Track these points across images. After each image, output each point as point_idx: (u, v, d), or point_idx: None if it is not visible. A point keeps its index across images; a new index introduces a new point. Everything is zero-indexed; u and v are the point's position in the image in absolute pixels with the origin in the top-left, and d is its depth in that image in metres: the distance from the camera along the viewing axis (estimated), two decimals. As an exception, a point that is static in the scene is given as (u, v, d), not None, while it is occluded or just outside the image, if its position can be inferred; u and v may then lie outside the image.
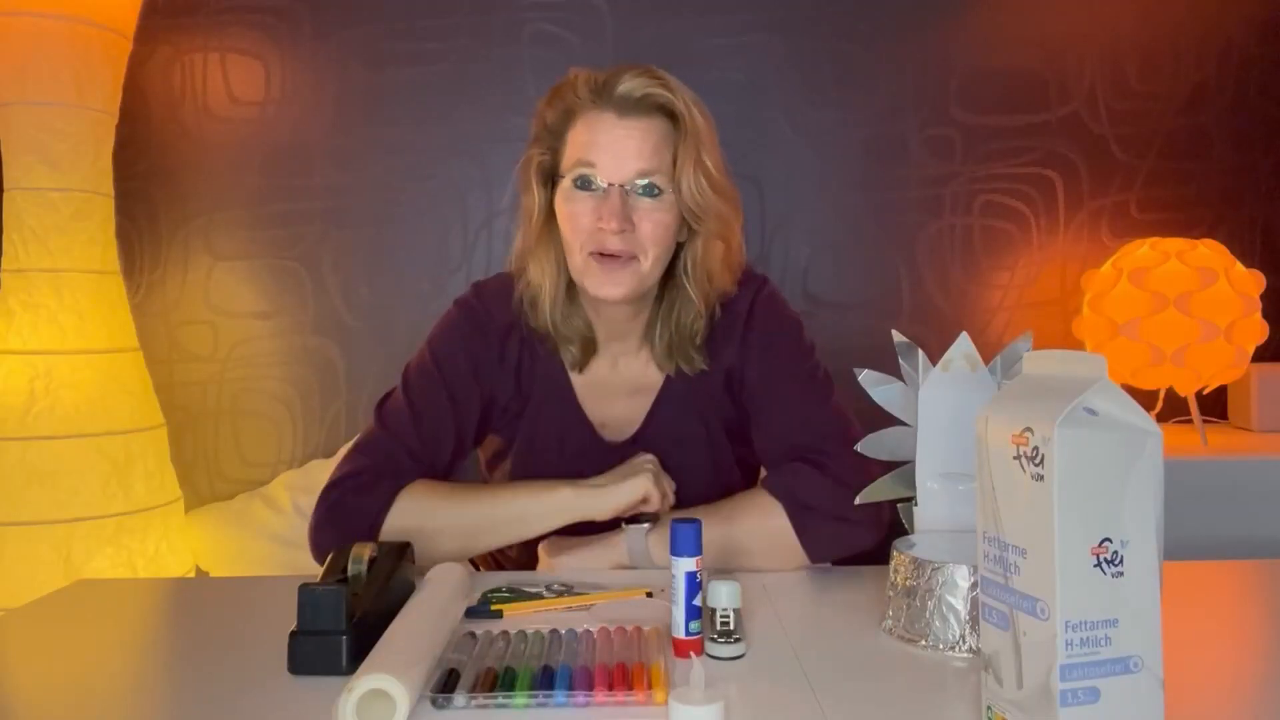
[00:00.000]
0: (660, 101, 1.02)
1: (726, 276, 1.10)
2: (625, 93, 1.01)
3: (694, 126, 1.03)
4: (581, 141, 1.03)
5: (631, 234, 1.01)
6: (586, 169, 1.02)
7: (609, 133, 1.01)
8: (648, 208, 1.02)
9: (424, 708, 0.66)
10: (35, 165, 1.79)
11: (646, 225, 1.02)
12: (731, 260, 1.11)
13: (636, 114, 1.02)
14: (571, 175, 1.03)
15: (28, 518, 1.73)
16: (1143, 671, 0.55)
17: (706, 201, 1.04)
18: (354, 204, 2.22)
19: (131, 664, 0.82)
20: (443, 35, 2.21)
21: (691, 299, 1.09)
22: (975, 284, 2.25)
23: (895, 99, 2.23)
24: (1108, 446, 0.54)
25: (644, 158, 1.02)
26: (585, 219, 1.02)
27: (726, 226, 1.08)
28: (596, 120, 1.02)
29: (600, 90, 1.02)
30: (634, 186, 1.02)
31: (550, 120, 1.06)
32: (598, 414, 1.14)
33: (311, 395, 2.23)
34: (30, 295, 1.80)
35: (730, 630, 0.77)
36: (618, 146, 1.01)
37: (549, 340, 1.11)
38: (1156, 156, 2.25)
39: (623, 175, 1.01)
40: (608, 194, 1.01)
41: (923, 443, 0.88)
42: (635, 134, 1.01)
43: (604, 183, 1.01)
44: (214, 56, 2.21)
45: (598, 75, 1.04)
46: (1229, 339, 1.86)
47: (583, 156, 1.02)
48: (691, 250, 1.08)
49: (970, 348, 0.88)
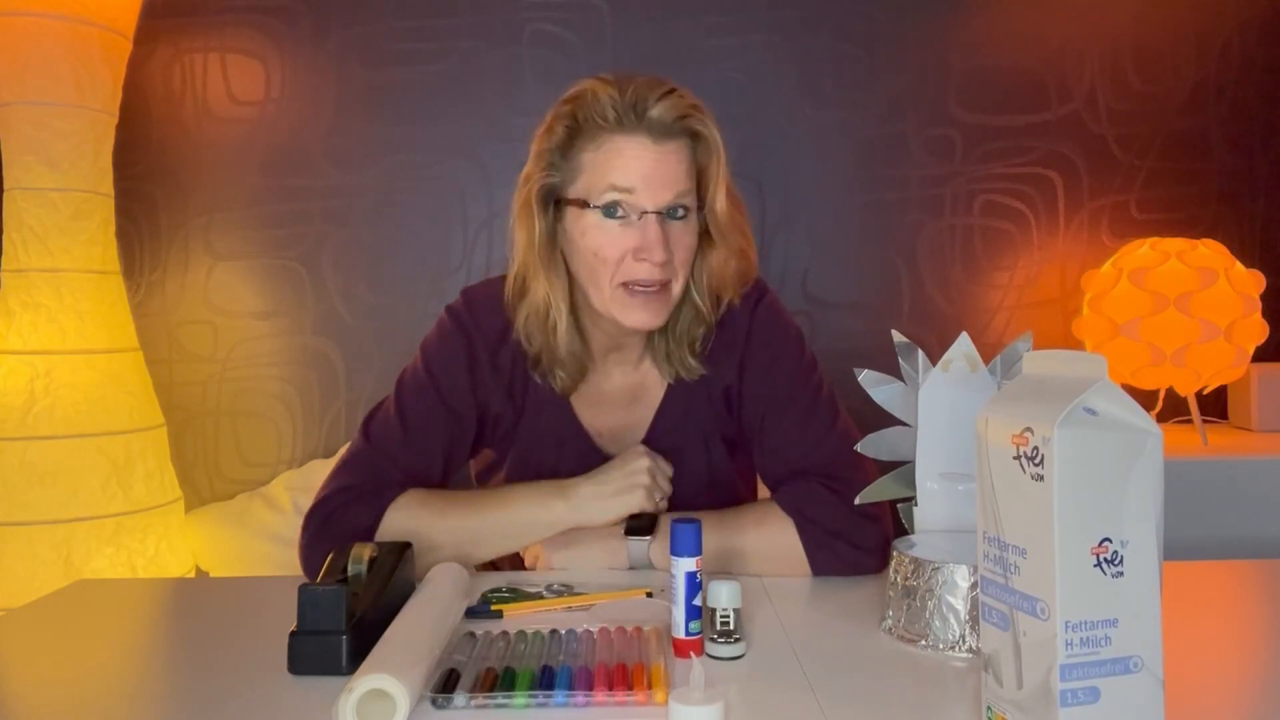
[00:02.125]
0: (696, 126, 1.00)
1: (736, 287, 1.09)
2: (659, 117, 0.97)
3: (716, 144, 1.01)
4: (612, 167, 0.97)
5: (670, 262, 0.99)
6: (621, 195, 0.97)
7: (643, 159, 0.96)
8: (679, 231, 0.99)
9: (424, 708, 0.66)
10: (35, 165, 1.79)
11: (680, 250, 0.99)
12: (746, 272, 1.10)
13: (669, 138, 0.98)
14: (600, 202, 0.98)
15: (28, 518, 1.73)
16: (1143, 671, 0.55)
17: (730, 219, 1.03)
18: (354, 204, 2.22)
19: (131, 664, 0.82)
20: (443, 35, 2.21)
21: (698, 308, 1.07)
22: (975, 284, 2.25)
23: (895, 99, 2.23)
24: (1108, 446, 0.54)
25: (679, 182, 0.98)
26: (616, 250, 0.98)
27: (746, 240, 1.07)
28: (627, 144, 0.97)
29: (629, 112, 0.97)
30: (668, 212, 0.98)
31: (560, 137, 1.00)
32: (594, 423, 1.12)
33: (311, 395, 2.23)
34: (30, 295, 1.80)
35: (730, 630, 0.76)
36: (655, 173, 0.97)
37: (539, 364, 1.08)
38: (1156, 156, 2.25)
39: (660, 202, 0.97)
40: (644, 224, 0.97)
41: (923, 443, 0.88)
42: (670, 159, 0.98)
43: (640, 210, 0.97)
44: (214, 56, 2.21)
45: (620, 94, 0.98)
46: (1229, 339, 1.86)
47: (616, 183, 0.97)
48: (708, 264, 1.05)
49: (970, 348, 0.88)
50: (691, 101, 1.00)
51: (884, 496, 0.92)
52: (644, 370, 1.12)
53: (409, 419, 1.06)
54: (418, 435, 1.05)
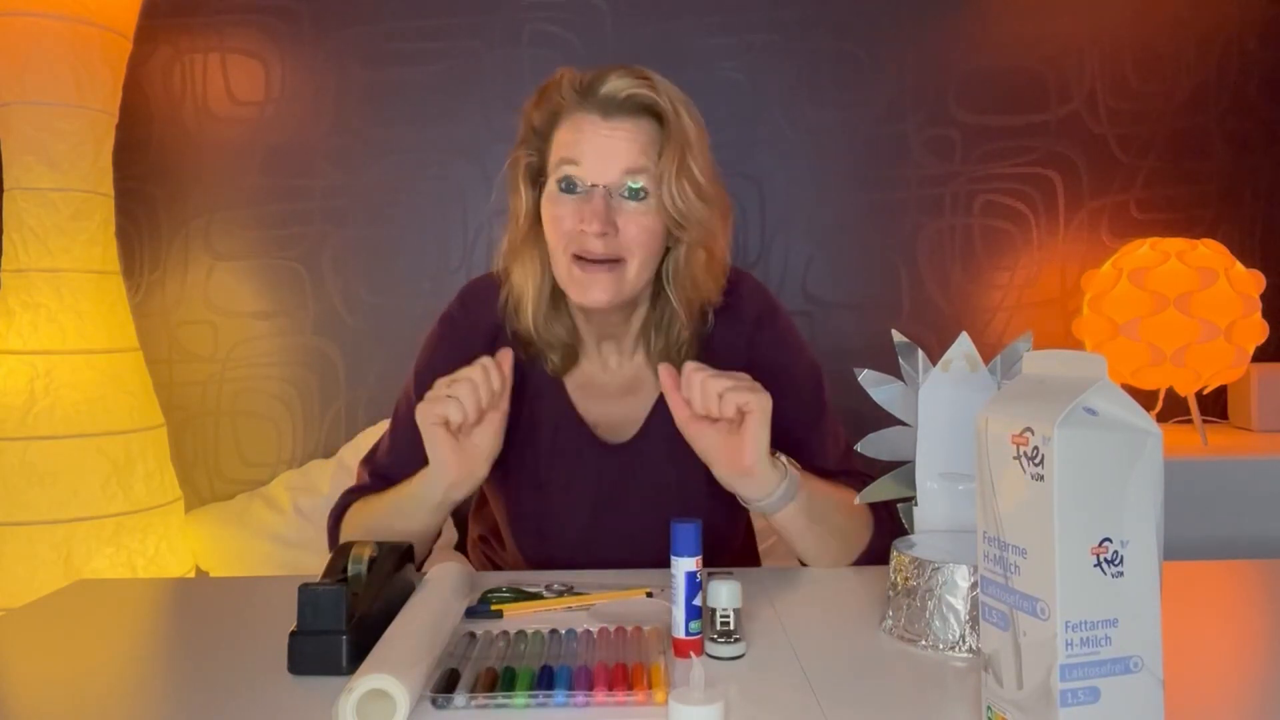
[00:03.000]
0: (646, 102, 1.00)
1: (710, 285, 1.08)
2: (610, 93, 0.99)
3: (679, 129, 1.00)
4: (566, 141, 1.01)
5: (614, 237, 0.99)
6: (571, 169, 1.00)
7: (593, 133, 0.99)
8: (633, 210, 1.00)
9: (424, 708, 0.66)
10: (35, 165, 1.79)
11: (632, 228, 0.99)
12: (715, 269, 1.07)
13: (622, 114, 0.99)
14: (555, 176, 1.01)
15: (28, 518, 1.73)
16: (1143, 671, 0.55)
17: (690, 208, 1.01)
18: (354, 204, 2.22)
19: (131, 664, 0.82)
20: (443, 35, 2.21)
21: (675, 304, 1.07)
22: (975, 284, 2.25)
23: (895, 99, 2.23)
24: (1108, 446, 0.54)
25: (629, 158, 0.99)
26: (567, 221, 1.00)
27: (710, 235, 1.04)
28: (581, 120, 1.00)
29: (585, 90, 1.00)
30: (620, 189, 0.99)
31: (537, 121, 1.05)
32: (591, 414, 1.12)
33: (311, 395, 2.23)
34: (30, 295, 1.80)
35: (730, 630, 0.76)
36: (602, 147, 0.99)
37: (531, 346, 1.09)
38: (1156, 156, 2.25)
39: (607, 177, 0.99)
40: (590, 195, 0.99)
41: (923, 443, 0.88)
42: (620, 134, 0.99)
43: (588, 184, 0.99)
44: (214, 56, 2.21)
45: (583, 75, 1.01)
46: (1229, 339, 1.86)
47: (566, 156, 1.00)
48: (674, 257, 1.05)
49: (970, 348, 0.88)
50: (652, 83, 1.00)
51: (884, 496, 0.92)
52: (639, 363, 1.13)
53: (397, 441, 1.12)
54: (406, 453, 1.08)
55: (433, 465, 0.98)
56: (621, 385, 1.13)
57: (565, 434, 1.11)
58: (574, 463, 1.10)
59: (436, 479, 0.98)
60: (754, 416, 0.92)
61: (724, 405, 0.92)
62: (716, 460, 0.96)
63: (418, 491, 1.01)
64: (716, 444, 0.96)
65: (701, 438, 0.96)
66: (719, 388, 0.92)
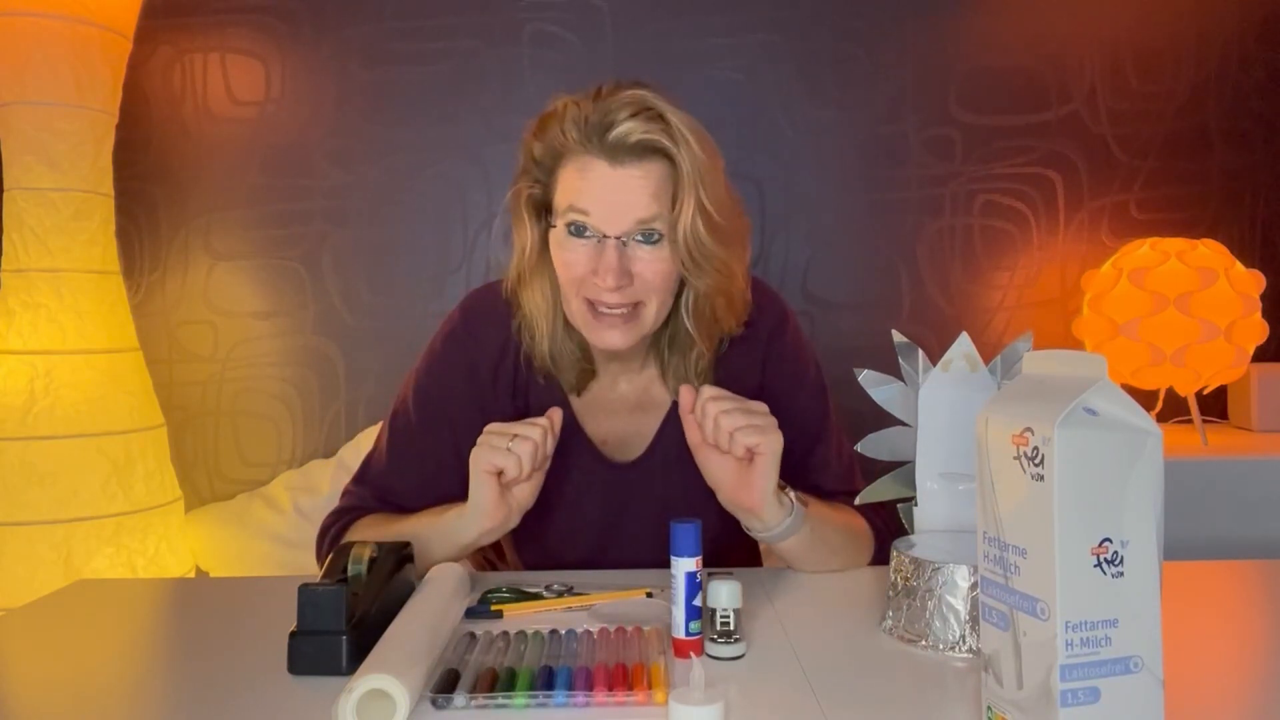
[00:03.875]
0: (655, 146, 0.94)
1: (730, 321, 1.05)
2: (618, 139, 0.92)
3: (692, 169, 0.94)
4: (573, 188, 0.95)
5: (630, 286, 0.95)
6: (579, 217, 0.95)
7: (601, 182, 0.94)
8: (648, 255, 0.95)
9: (424, 708, 0.66)
10: (35, 165, 1.79)
11: (648, 274, 0.96)
12: (735, 307, 1.05)
13: (631, 159, 0.93)
14: (564, 220, 0.96)
15: (28, 518, 1.73)
16: (1143, 671, 0.55)
17: (706, 253, 0.96)
18: (354, 204, 2.22)
19: (131, 664, 0.82)
20: (443, 35, 2.21)
21: (691, 335, 1.04)
22: (975, 284, 2.25)
23: (895, 99, 2.23)
24: (1108, 446, 0.54)
25: (641, 207, 0.94)
26: (579, 268, 0.96)
27: (727, 278, 1.00)
28: (587, 166, 0.94)
29: (590, 132, 0.94)
30: (633, 235, 0.95)
31: (538, 154, 0.99)
32: (598, 432, 1.10)
33: (311, 395, 2.23)
34: (30, 295, 1.80)
35: (730, 630, 0.76)
36: (612, 198, 0.94)
37: (543, 367, 1.07)
38: (1156, 156, 2.25)
39: (619, 227, 0.94)
40: (603, 246, 0.94)
41: (923, 443, 0.88)
42: (631, 183, 0.94)
43: (600, 234, 0.95)
44: (214, 56, 2.21)
45: (586, 112, 0.94)
46: (1229, 339, 1.86)
47: (575, 203, 0.95)
48: (693, 292, 1.01)
49: (970, 348, 0.88)
50: (664, 124, 0.94)
51: (884, 497, 0.92)
52: (649, 378, 1.10)
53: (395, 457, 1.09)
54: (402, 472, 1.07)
55: (473, 510, 0.94)
56: (630, 403, 1.11)
57: (573, 452, 1.09)
58: (581, 481, 1.09)
59: (473, 522, 0.94)
60: (764, 458, 0.91)
61: (734, 445, 0.91)
62: (723, 490, 0.95)
63: (450, 529, 0.96)
64: (725, 474, 0.94)
65: (711, 465, 0.95)
66: (731, 426, 0.90)
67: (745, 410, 0.91)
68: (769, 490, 0.93)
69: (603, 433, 1.11)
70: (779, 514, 0.94)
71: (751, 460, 0.92)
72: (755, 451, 0.91)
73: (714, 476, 0.95)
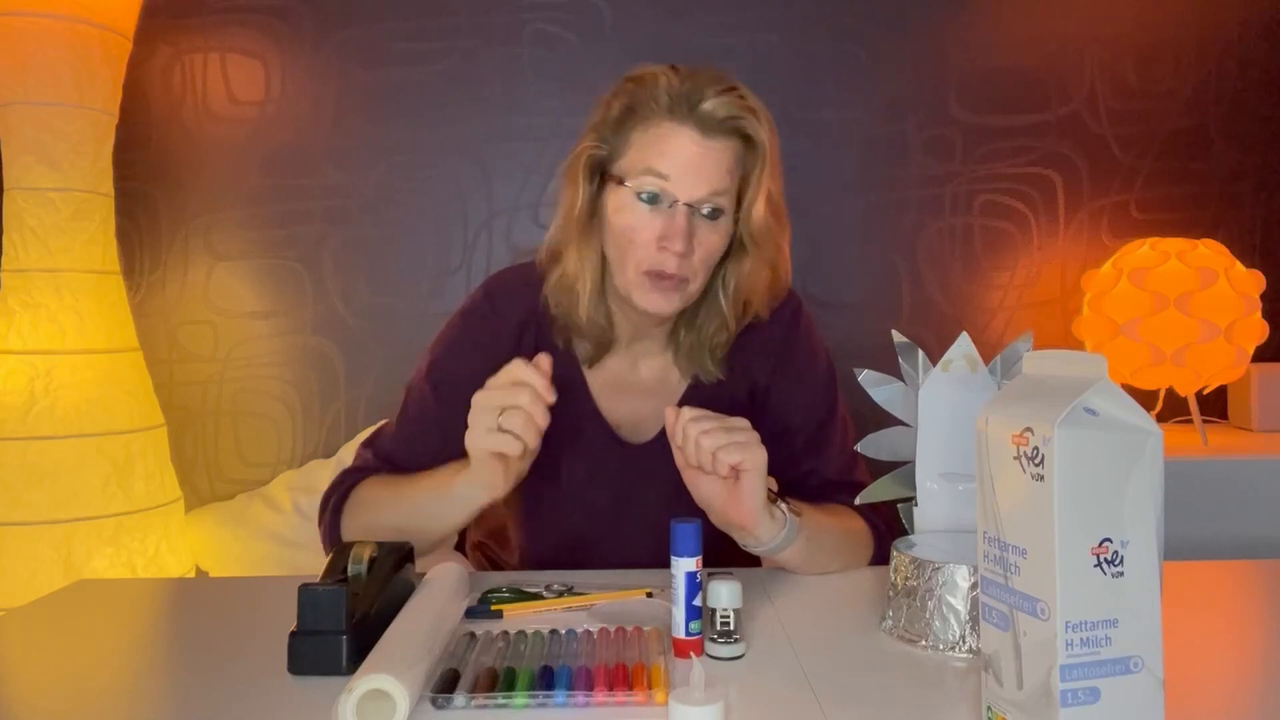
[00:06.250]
0: (741, 128, 0.99)
1: (765, 301, 1.08)
2: (709, 112, 0.97)
3: (770, 151, 1.00)
4: (654, 151, 0.97)
5: (688, 257, 0.98)
6: (657, 181, 0.97)
7: (685, 150, 0.97)
8: (706, 230, 0.99)
9: (424, 708, 0.66)
10: (35, 165, 1.79)
11: (702, 250, 0.99)
12: (777, 287, 1.08)
13: (718, 134, 0.98)
14: (636, 185, 0.98)
15: (28, 518, 1.73)
16: (1143, 671, 0.55)
17: (765, 228, 1.01)
18: (354, 204, 2.22)
19: (131, 664, 0.82)
20: (443, 35, 2.21)
21: (722, 314, 1.06)
22: (975, 284, 2.25)
23: (895, 99, 2.23)
24: (1108, 446, 0.54)
25: (717, 179, 0.97)
26: (644, 234, 0.98)
27: (779, 253, 1.05)
28: (673, 133, 0.97)
29: (682, 101, 0.97)
30: (701, 207, 0.98)
31: (615, 114, 1.01)
32: (614, 413, 1.11)
33: (311, 395, 2.23)
34: (30, 295, 1.80)
35: (730, 630, 0.76)
36: (695, 166, 0.97)
37: (565, 331, 1.08)
38: (1156, 156, 2.25)
39: (694, 195, 0.97)
40: (673, 214, 0.97)
41: (923, 443, 0.88)
42: (712, 155, 0.97)
43: (672, 200, 0.97)
44: (214, 56, 2.21)
45: (679, 82, 0.98)
46: (1229, 339, 1.86)
47: (654, 167, 0.97)
48: (736, 270, 1.05)
49: (970, 348, 0.88)
50: (749, 104, 1.00)
51: (884, 497, 0.92)
52: (666, 363, 1.12)
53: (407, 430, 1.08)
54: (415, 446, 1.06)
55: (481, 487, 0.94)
56: (646, 384, 1.12)
57: (586, 434, 1.10)
58: (594, 462, 1.09)
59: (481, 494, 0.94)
60: (749, 475, 0.90)
61: (717, 465, 0.89)
62: (714, 510, 0.94)
63: (460, 493, 0.95)
64: (714, 494, 0.93)
65: (699, 487, 0.94)
66: (712, 445, 0.89)
67: (726, 429, 0.90)
68: (758, 506, 0.92)
69: (619, 414, 1.11)
70: (773, 528, 0.94)
71: (737, 479, 0.91)
72: (739, 469, 0.90)
73: (703, 497, 0.94)
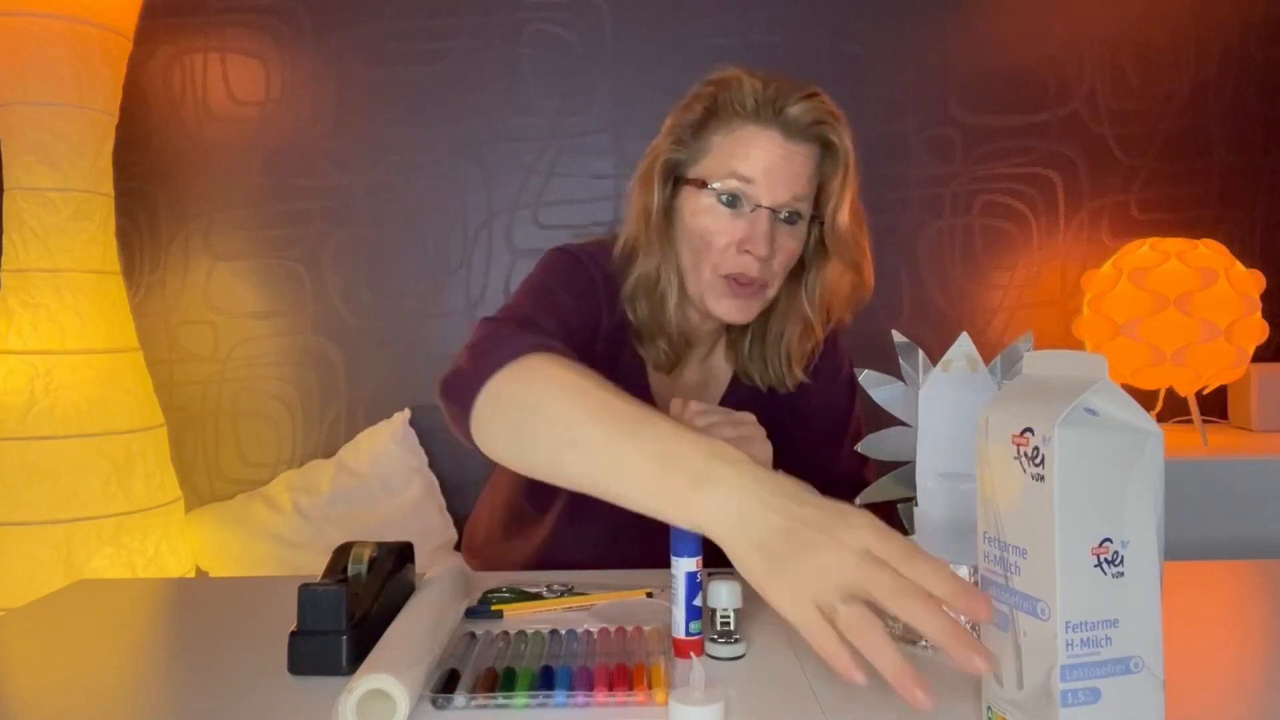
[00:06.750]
0: (822, 133, 1.00)
1: (848, 305, 1.09)
2: (794, 117, 0.98)
3: (848, 156, 1.00)
4: (738, 154, 0.98)
5: (768, 262, 0.98)
6: (741, 185, 0.97)
7: (769, 153, 0.97)
8: (785, 235, 0.99)
9: (424, 708, 0.66)
10: (35, 165, 1.79)
11: (781, 255, 0.99)
12: (861, 290, 1.08)
13: (800, 140, 0.99)
14: (719, 188, 0.98)
15: (28, 518, 1.73)
16: (1143, 671, 0.55)
17: (851, 233, 1.01)
18: (354, 204, 2.22)
19: (131, 664, 0.82)
20: (443, 35, 2.21)
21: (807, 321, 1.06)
22: (975, 284, 2.25)
23: (895, 99, 2.23)
24: (1108, 446, 0.54)
25: (799, 184, 0.98)
26: (724, 238, 0.98)
27: (864, 258, 1.05)
28: (758, 136, 0.98)
29: (768, 105, 0.98)
30: (781, 212, 0.98)
31: (695, 116, 1.01)
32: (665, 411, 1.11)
33: (311, 395, 2.23)
34: (30, 295, 1.80)
35: (730, 630, 0.76)
36: (778, 170, 0.97)
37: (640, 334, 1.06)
38: (1156, 156, 2.25)
39: (776, 199, 0.97)
40: (756, 218, 0.97)
41: (923, 443, 0.88)
42: (796, 160, 0.98)
43: (755, 203, 0.97)
44: (214, 56, 2.21)
45: (763, 86, 0.99)
46: (1229, 339, 1.86)
47: (738, 171, 0.97)
48: (821, 275, 1.05)
49: (970, 348, 0.88)
50: (831, 109, 1.00)
51: (884, 497, 0.92)
52: (711, 365, 1.14)
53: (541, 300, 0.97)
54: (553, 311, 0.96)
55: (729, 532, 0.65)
56: (693, 386, 1.13)
57: None
58: None
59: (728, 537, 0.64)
60: None
61: None
62: None
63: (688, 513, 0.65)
64: None
65: None
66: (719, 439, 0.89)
67: (733, 423, 0.90)
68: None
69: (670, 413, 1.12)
70: None
71: None
72: None
73: None
